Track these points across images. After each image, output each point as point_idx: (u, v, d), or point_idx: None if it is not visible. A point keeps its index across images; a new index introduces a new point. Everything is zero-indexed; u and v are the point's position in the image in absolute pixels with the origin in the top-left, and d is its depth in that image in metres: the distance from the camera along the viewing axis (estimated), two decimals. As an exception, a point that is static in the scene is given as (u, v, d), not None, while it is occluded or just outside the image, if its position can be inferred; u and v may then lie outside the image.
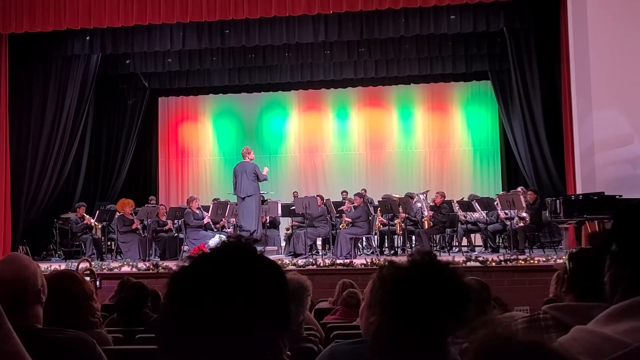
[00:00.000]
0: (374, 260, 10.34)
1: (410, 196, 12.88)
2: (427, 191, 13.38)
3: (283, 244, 13.25)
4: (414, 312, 1.39)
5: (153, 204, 14.51)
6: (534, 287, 8.81)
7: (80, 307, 2.90)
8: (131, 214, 12.66)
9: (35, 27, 12.30)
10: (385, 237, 12.97)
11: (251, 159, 12.01)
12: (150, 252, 12.36)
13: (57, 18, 12.18)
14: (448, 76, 16.20)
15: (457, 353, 1.47)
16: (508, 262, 9.72)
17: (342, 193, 14.96)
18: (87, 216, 13.11)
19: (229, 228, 13.05)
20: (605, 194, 10.40)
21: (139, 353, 3.39)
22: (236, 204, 12.20)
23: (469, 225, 12.60)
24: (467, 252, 12.14)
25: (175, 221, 12.88)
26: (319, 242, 12.94)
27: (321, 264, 10.31)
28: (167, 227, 12.79)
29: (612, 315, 1.07)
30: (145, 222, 12.56)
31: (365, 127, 17.42)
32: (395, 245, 12.93)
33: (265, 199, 13.27)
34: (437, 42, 14.17)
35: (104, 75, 15.26)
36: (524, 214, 11.72)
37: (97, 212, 13.32)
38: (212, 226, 12.69)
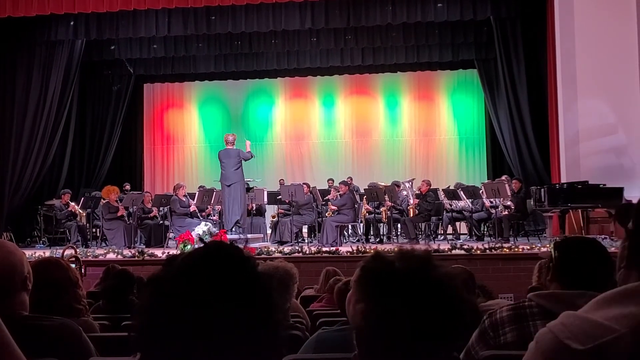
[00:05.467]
0: (359, 248, 10.37)
1: (396, 184, 12.92)
2: (413, 179, 13.40)
3: (269, 231, 13.25)
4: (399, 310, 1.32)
5: (127, 189, 14.44)
6: (518, 275, 8.88)
7: (66, 294, 2.89)
8: (116, 201, 12.60)
9: (19, 12, 12.15)
10: (371, 225, 13.00)
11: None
12: (136, 239, 12.30)
13: (41, 3, 12.04)
14: (434, 64, 16.19)
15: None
16: (493, 250, 9.78)
17: (328, 181, 14.95)
18: (72, 203, 13.02)
19: (214, 216, 13.01)
20: (590, 182, 10.49)
21: (125, 340, 3.38)
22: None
23: (454, 214, 12.64)
24: (452, 240, 12.18)
25: (161, 208, 12.84)
26: (304, 229, 12.93)
27: (307, 252, 10.32)
28: (152, 215, 12.74)
29: (604, 301, 1.08)
30: (131, 209, 12.50)
31: (351, 115, 17.40)
32: (381, 233, 12.97)
33: (251, 186, 13.23)
34: (424, 30, 14.16)
35: (89, 61, 15.12)
36: (509, 203, 11.78)
37: (82, 199, 13.23)
38: (198, 214, 12.66)
